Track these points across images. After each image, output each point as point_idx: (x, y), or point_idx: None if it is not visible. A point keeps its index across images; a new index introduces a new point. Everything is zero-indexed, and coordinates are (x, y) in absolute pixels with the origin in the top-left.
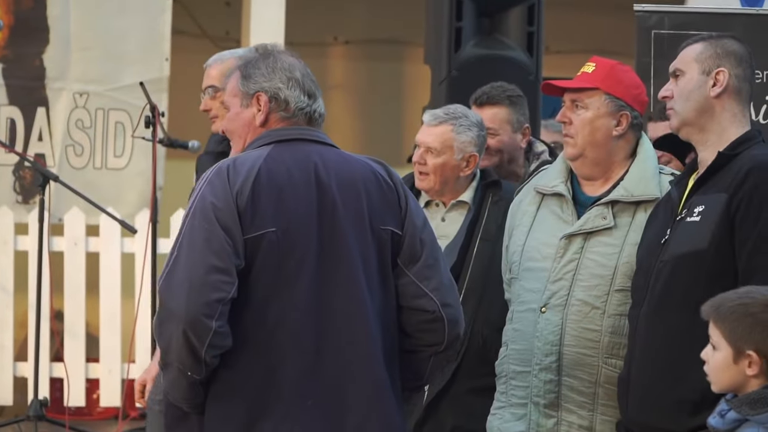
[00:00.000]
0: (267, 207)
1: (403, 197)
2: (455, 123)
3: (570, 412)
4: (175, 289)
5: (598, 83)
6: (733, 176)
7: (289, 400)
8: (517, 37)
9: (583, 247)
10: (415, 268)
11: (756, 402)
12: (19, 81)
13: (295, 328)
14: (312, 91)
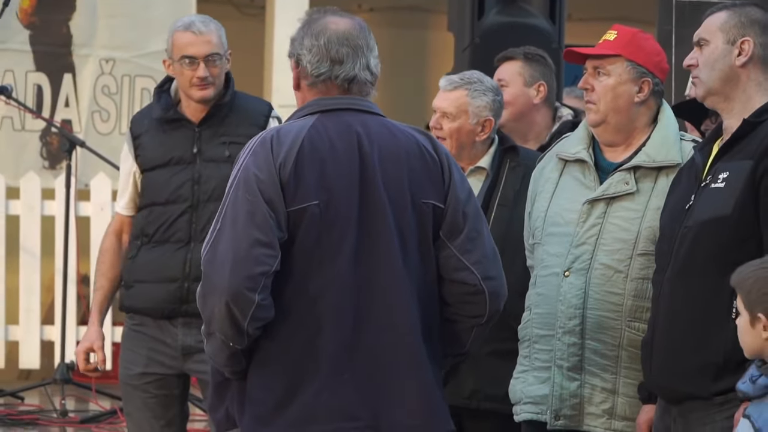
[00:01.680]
0: (310, 179)
1: (447, 170)
2: (470, 88)
3: (593, 375)
4: (219, 263)
5: (620, 50)
6: (758, 143)
7: (326, 372)
8: (540, 5)
9: (606, 212)
10: (457, 242)
11: None
12: (46, 47)
13: (335, 302)
14: (340, 57)
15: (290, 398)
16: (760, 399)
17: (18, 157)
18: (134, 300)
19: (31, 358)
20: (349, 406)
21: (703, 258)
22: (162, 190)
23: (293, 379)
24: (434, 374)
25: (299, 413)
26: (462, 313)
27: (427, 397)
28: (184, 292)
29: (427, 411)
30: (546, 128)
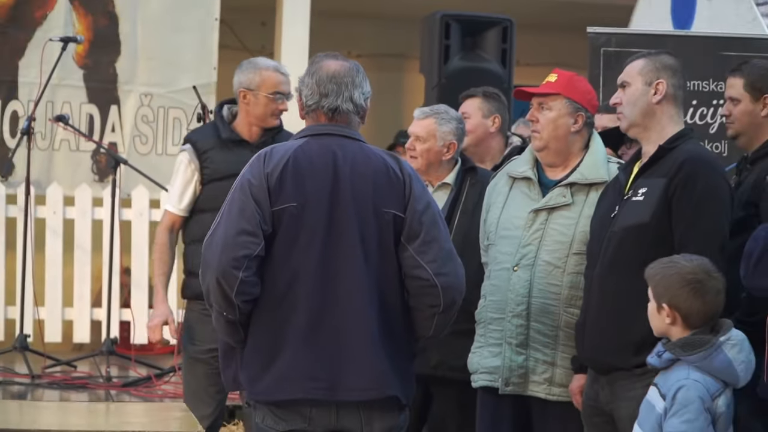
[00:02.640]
0: (290, 187)
1: (408, 186)
2: (438, 117)
3: (536, 350)
4: (213, 246)
5: (560, 90)
6: (670, 165)
7: (297, 344)
8: (494, 53)
9: (547, 219)
10: (414, 244)
11: (686, 345)
12: (96, 84)
13: (305, 288)
14: (326, 92)
15: (271, 363)
16: (666, 370)
17: (73, 172)
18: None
19: (82, 334)
20: (313, 371)
21: (626, 257)
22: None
23: (273, 349)
24: (386, 350)
25: (277, 375)
26: (422, 303)
27: (375, 367)
28: None
29: (373, 378)
30: (500, 152)
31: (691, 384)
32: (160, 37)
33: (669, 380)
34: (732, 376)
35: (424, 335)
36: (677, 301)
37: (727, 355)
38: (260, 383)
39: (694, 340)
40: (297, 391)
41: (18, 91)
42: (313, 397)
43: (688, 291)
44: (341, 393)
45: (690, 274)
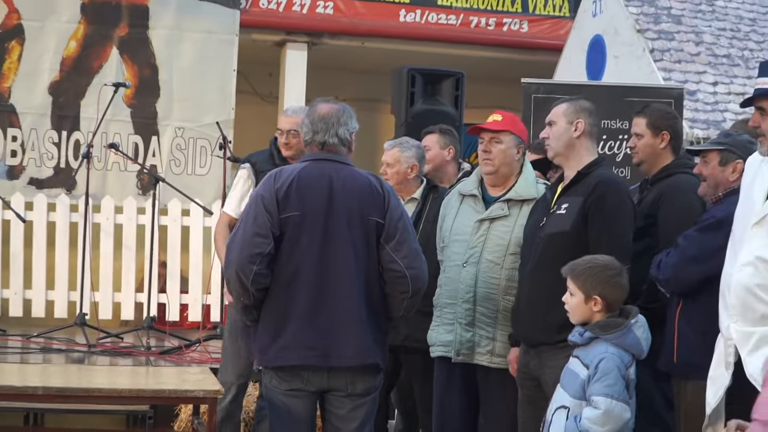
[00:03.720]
0: (294, 200)
1: (387, 200)
2: (400, 146)
3: (481, 328)
4: (234, 246)
5: (508, 127)
6: (587, 186)
7: (298, 322)
8: (449, 98)
9: (489, 227)
10: (390, 244)
11: (605, 326)
12: (141, 119)
13: (306, 278)
14: (318, 129)
15: (277, 337)
16: (586, 346)
17: (122, 188)
18: None
19: (128, 313)
20: (311, 342)
21: (551, 257)
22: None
23: (278, 325)
24: (370, 327)
25: (281, 345)
26: (395, 290)
27: (360, 340)
28: None
29: (359, 349)
30: (454, 175)
31: (609, 356)
32: (191, 84)
33: (590, 354)
34: (639, 350)
35: (396, 315)
36: (606, 292)
37: (636, 334)
38: (269, 352)
39: (610, 323)
40: (297, 358)
41: (80, 124)
42: (309, 363)
43: (613, 283)
44: (333, 360)
45: (611, 270)
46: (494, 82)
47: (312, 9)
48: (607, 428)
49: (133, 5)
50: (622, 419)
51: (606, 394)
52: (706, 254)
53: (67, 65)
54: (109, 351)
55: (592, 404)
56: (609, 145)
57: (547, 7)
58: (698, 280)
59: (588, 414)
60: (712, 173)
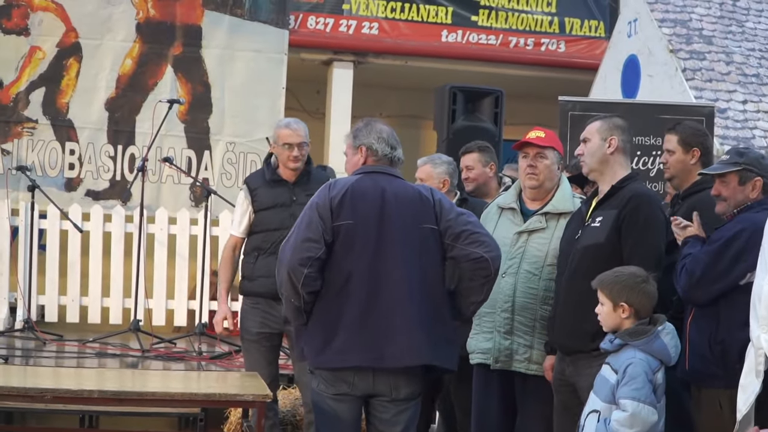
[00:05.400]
0: (348, 209)
1: (437, 207)
2: (432, 162)
3: (519, 336)
4: (286, 249)
5: (553, 144)
6: (621, 200)
7: (352, 325)
8: (488, 115)
9: (527, 239)
10: (460, 241)
11: (633, 333)
12: (194, 134)
13: (359, 283)
14: (393, 144)
15: (331, 340)
16: (616, 352)
17: (176, 199)
18: (256, 288)
19: (181, 319)
20: (364, 345)
21: (585, 268)
22: (272, 223)
23: (331, 328)
24: (428, 330)
25: (336, 348)
26: (476, 276)
27: (410, 342)
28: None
29: (408, 350)
30: (496, 190)
31: (637, 362)
32: (242, 101)
33: (619, 359)
34: (666, 356)
35: (478, 300)
36: (632, 299)
37: (663, 341)
38: (323, 355)
39: (638, 329)
40: (351, 360)
41: (135, 139)
42: (362, 364)
43: (639, 290)
44: (385, 362)
45: (637, 278)
46: (532, 99)
47: (358, 29)
48: (634, 430)
49: (187, 25)
50: (649, 422)
51: (633, 397)
52: (713, 277)
53: (123, 82)
54: (162, 356)
55: (621, 407)
56: (643, 160)
57: (584, 28)
58: (709, 299)
59: (616, 416)
60: (732, 194)
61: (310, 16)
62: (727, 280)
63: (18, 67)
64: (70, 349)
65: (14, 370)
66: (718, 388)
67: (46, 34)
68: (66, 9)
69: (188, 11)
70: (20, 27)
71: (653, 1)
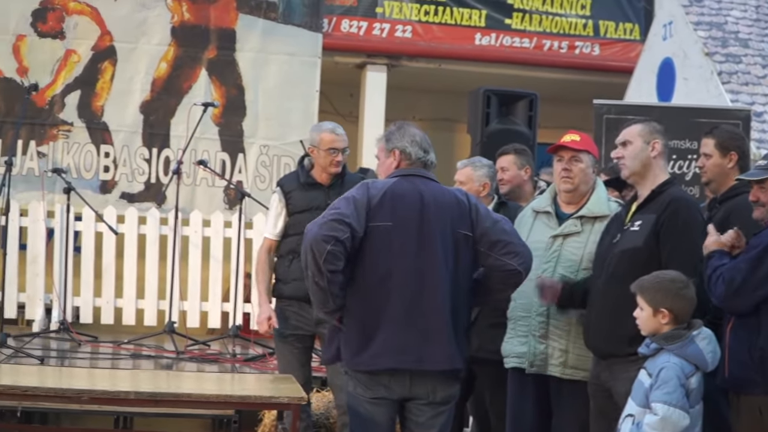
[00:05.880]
0: (386, 210)
1: (474, 212)
2: (473, 165)
3: (554, 340)
4: (313, 225)
5: (587, 147)
6: (660, 204)
7: (391, 326)
8: (522, 118)
9: (562, 243)
10: (496, 250)
11: (669, 338)
12: (228, 137)
13: (399, 285)
14: (426, 148)
15: (370, 340)
16: (653, 357)
17: (210, 202)
18: (290, 291)
19: (215, 321)
20: (404, 347)
21: (623, 272)
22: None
23: (371, 329)
24: (453, 334)
25: (375, 350)
26: (508, 285)
27: (447, 346)
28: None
29: (445, 354)
30: (531, 193)
31: (670, 366)
32: (276, 104)
33: (655, 364)
34: (702, 361)
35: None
36: (673, 305)
37: (698, 346)
38: (361, 357)
39: (674, 334)
40: (390, 362)
41: (170, 142)
42: (402, 366)
43: (679, 296)
44: (425, 364)
45: (677, 283)
46: (566, 103)
47: (391, 33)
48: None
49: (221, 29)
50: (680, 426)
51: (664, 401)
52: (754, 284)
53: (158, 85)
54: (197, 358)
55: (652, 410)
56: (678, 164)
57: (618, 31)
58: (749, 306)
59: (648, 420)
60: None
61: (343, 20)
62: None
63: (53, 71)
64: (104, 351)
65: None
66: (758, 395)
67: (82, 37)
68: (101, 12)
69: (222, 15)
70: (55, 30)
71: (688, 4)
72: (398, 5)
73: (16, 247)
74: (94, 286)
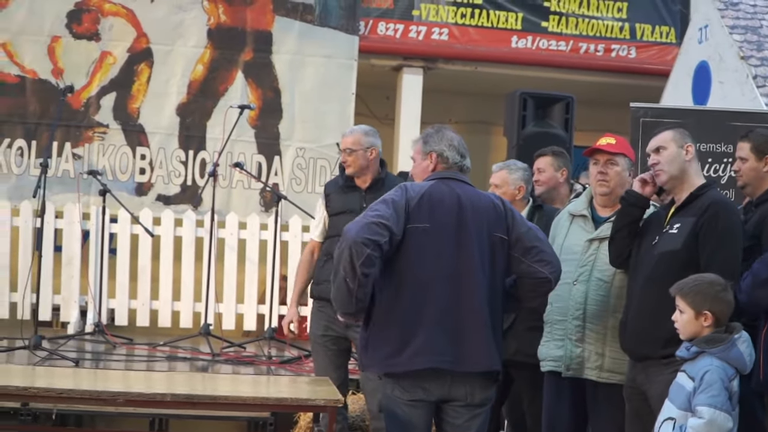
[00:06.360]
0: (424, 212)
1: (509, 217)
2: (508, 168)
3: (590, 344)
4: (352, 227)
5: (623, 150)
6: (699, 207)
7: (429, 328)
8: (559, 121)
9: (599, 246)
10: (529, 257)
11: (710, 341)
12: (264, 140)
13: (439, 284)
14: (463, 153)
15: (407, 343)
16: (692, 360)
17: (246, 204)
18: (320, 291)
19: (250, 323)
20: (441, 348)
21: (661, 275)
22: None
23: (408, 331)
24: (492, 335)
25: (413, 350)
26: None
27: (486, 347)
28: None
29: (485, 355)
30: (566, 196)
31: (714, 369)
32: (312, 106)
33: (696, 367)
34: (742, 364)
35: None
36: (714, 307)
37: (739, 349)
38: (397, 358)
39: (715, 337)
40: (429, 362)
41: (206, 144)
42: (441, 367)
43: (720, 299)
44: (466, 365)
45: (717, 286)
46: (603, 106)
47: (428, 35)
48: None
49: (258, 31)
50: (725, 428)
51: (710, 404)
52: None
53: (194, 88)
54: (232, 360)
55: (697, 414)
56: (714, 167)
57: (655, 34)
58: None
59: (693, 423)
60: None
61: (380, 22)
62: None
63: (89, 72)
64: (139, 353)
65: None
66: None
67: (117, 39)
68: (137, 14)
69: (259, 17)
70: (91, 32)
71: (724, 8)
72: (435, 8)
73: (51, 249)
74: (129, 288)
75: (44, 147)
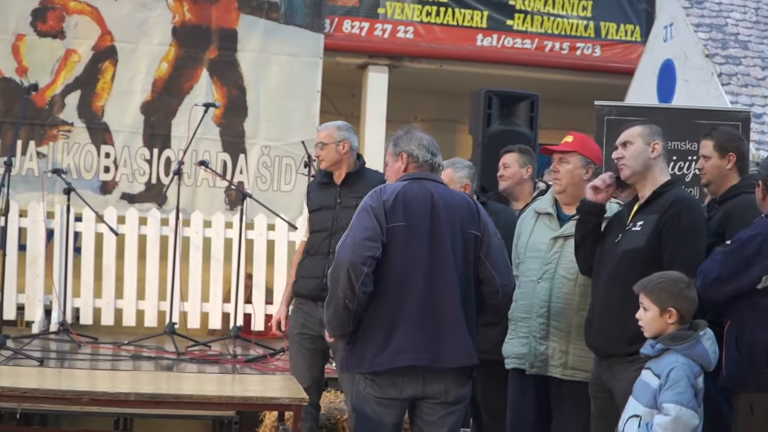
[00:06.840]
0: (399, 212)
1: (482, 216)
2: (453, 166)
3: (554, 342)
4: (345, 248)
5: (576, 148)
6: (662, 204)
7: (408, 325)
8: (524, 119)
9: (563, 244)
10: (490, 259)
11: (675, 338)
12: (229, 138)
13: (415, 282)
14: (434, 151)
15: (388, 341)
16: (657, 357)
17: (211, 203)
18: (300, 289)
19: (215, 322)
20: (421, 345)
21: (624, 272)
22: (316, 224)
23: (389, 329)
24: (467, 331)
25: (394, 348)
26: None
27: (462, 343)
28: (323, 285)
29: (462, 351)
30: (530, 194)
31: (680, 366)
32: (277, 104)
33: (662, 364)
34: (707, 361)
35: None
36: (679, 304)
37: (704, 346)
38: (381, 357)
39: (680, 334)
40: (408, 359)
41: (171, 142)
42: (419, 363)
43: (684, 296)
44: (441, 361)
45: (681, 283)
46: (568, 104)
47: (393, 33)
48: None
49: (223, 29)
50: (690, 425)
51: (676, 401)
52: (728, 276)
53: (159, 86)
54: (197, 359)
55: (663, 411)
56: (678, 165)
57: (620, 33)
58: (725, 300)
59: (659, 420)
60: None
61: (345, 20)
62: (739, 281)
63: (53, 70)
64: (104, 352)
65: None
66: (749, 392)
67: (82, 37)
68: (101, 12)
69: (224, 15)
70: (55, 30)
71: (689, 6)
72: (400, 6)
73: (16, 248)
74: (94, 287)
75: (8, 146)
